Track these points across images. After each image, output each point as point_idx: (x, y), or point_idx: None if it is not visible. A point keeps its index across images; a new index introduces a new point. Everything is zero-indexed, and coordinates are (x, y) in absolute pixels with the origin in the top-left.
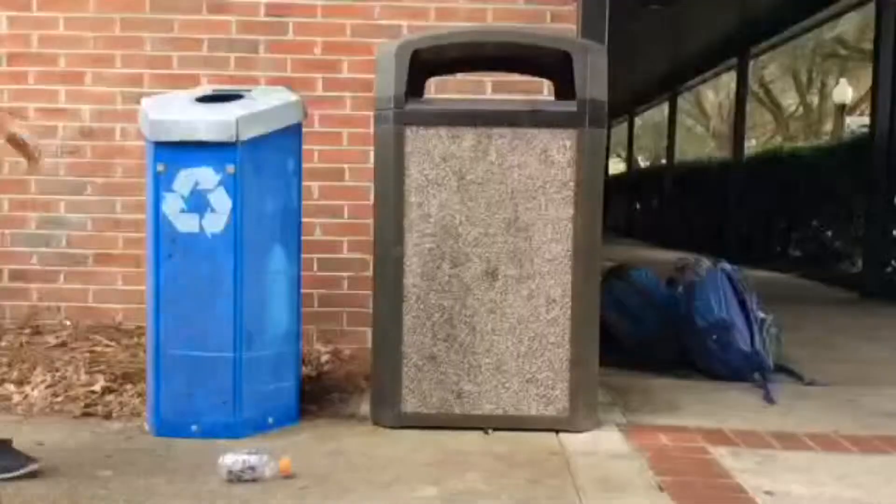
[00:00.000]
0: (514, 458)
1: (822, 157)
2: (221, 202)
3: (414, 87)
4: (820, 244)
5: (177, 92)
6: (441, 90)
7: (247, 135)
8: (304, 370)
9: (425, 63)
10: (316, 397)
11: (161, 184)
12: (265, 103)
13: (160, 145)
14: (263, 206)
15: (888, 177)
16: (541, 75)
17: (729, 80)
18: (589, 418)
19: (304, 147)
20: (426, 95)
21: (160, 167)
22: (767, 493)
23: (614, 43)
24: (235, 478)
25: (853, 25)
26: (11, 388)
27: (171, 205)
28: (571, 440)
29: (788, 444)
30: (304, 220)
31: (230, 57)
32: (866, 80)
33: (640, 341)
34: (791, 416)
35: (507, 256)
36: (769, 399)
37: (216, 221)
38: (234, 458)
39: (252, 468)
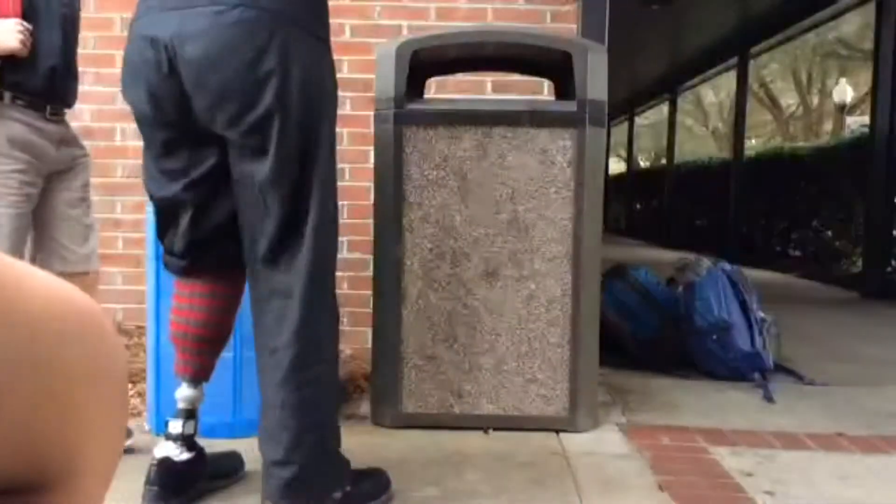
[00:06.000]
0: (514, 458)
1: (822, 157)
2: None
3: (414, 87)
4: (820, 244)
5: None
6: (441, 90)
7: None
8: None
9: (425, 63)
10: None
11: None
12: None
13: None
14: None
15: (888, 177)
16: (541, 75)
17: (729, 79)
18: (589, 418)
19: None
20: (426, 95)
21: None
22: (767, 493)
23: (614, 43)
24: None
25: (853, 25)
26: None
27: None
28: (571, 440)
29: (788, 444)
30: None
31: None
32: (866, 80)
33: (640, 341)
34: (791, 416)
35: (507, 256)
36: (769, 399)
37: None
38: None
39: None
